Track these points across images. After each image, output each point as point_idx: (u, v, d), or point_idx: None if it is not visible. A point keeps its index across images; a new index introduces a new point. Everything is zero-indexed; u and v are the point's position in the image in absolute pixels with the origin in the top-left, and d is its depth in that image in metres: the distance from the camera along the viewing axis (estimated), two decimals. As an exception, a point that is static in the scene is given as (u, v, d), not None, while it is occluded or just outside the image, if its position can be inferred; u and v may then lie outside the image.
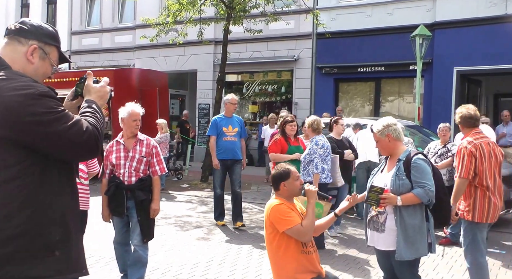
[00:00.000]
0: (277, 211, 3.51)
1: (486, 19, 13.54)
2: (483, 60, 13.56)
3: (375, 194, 3.66)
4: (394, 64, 14.95)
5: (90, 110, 2.17)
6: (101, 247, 6.39)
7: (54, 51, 2.20)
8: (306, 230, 3.46)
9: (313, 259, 3.58)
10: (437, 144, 7.82)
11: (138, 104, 5.01)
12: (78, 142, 1.99)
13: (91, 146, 2.05)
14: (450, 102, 14.30)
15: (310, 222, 3.50)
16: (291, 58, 16.84)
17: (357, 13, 15.76)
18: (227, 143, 7.92)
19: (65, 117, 1.99)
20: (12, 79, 1.98)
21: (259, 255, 6.37)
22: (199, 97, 18.77)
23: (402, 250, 3.65)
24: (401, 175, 3.73)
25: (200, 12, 13.21)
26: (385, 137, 3.87)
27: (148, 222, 4.85)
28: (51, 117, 1.95)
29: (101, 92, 2.29)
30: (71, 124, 1.98)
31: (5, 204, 1.91)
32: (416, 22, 13.48)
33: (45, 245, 1.97)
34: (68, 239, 2.06)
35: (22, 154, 1.94)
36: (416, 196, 3.65)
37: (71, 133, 1.97)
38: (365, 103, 16.69)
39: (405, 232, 3.66)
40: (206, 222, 8.33)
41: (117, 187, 4.79)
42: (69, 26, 22.30)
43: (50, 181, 2.02)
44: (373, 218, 3.85)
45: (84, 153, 2.09)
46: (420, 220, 3.72)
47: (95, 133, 2.05)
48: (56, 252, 1.99)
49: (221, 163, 7.89)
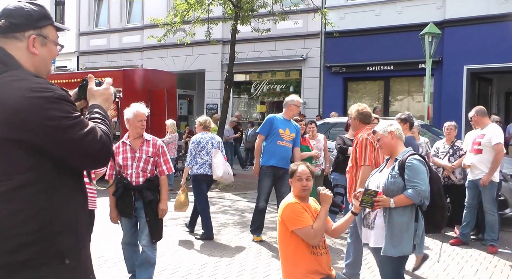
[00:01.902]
0: (290, 210, 3.55)
1: (497, 16, 13.39)
2: (494, 58, 13.41)
3: (369, 197, 3.72)
4: (403, 63, 14.85)
5: (99, 116, 2.09)
6: (109, 247, 6.39)
7: (51, 29, 2.06)
8: (315, 233, 3.47)
9: (323, 261, 3.56)
10: (444, 143, 7.72)
11: (143, 104, 4.99)
12: (91, 152, 1.92)
13: (104, 157, 1.99)
14: (461, 101, 14.18)
15: (321, 226, 3.51)
16: (299, 58, 16.80)
17: (365, 11, 15.68)
18: (282, 148, 6.80)
19: (81, 123, 1.91)
20: (27, 79, 1.89)
21: (267, 256, 6.33)
22: (207, 97, 18.78)
23: (388, 246, 3.71)
24: (394, 173, 3.79)
25: (208, 11, 13.21)
26: (388, 135, 3.96)
27: (157, 223, 4.85)
28: (69, 122, 1.87)
29: (106, 95, 2.20)
30: (86, 131, 1.90)
31: (21, 210, 1.84)
32: (425, 20, 13.40)
33: (57, 252, 1.90)
34: (78, 245, 2.01)
35: (40, 159, 1.87)
36: (407, 197, 3.71)
37: (86, 142, 1.90)
38: (374, 102, 16.57)
39: (392, 229, 3.72)
40: (214, 222, 8.28)
41: (125, 187, 4.79)
42: (77, 27, 22.42)
43: (65, 187, 1.96)
44: (366, 215, 3.95)
45: (96, 163, 2.02)
46: (408, 219, 3.76)
47: (108, 143, 1.98)
48: (66, 260, 1.92)
49: (270, 171, 6.81)
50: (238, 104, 19.27)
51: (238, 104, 19.29)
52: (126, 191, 4.78)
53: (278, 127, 6.80)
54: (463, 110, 13.88)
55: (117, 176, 4.86)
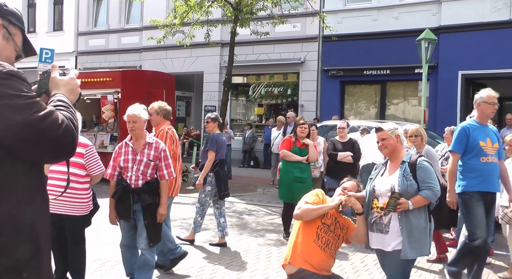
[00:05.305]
0: (311, 192, 4.15)
1: (491, 24, 13.66)
2: (488, 64, 13.65)
3: (394, 200, 3.74)
4: (400, 67, 15.01)
5: (62, 103, 1.77)
6: (107, 250, 6.38)
7: (19, 34, 1.86)
8: (303, 207, 3.88)
9: (320, 256, 3.78)
10: (444, 147, 7.87)
11: (142, 105, 4.92)
12: (52, 137, 1.61)
13: (68, 144, 1.67)
14: (456, 105, 14.39)
15: (313, 210, 3.86)
16: (297, 61, 16.92)
17: (363, 16, 15.83)
18: (488, 166, 5.09)
19: (37, 105, 1.62)
20: None
21: (266, 258, 6.42)
22: (205, 99, 18.84)
23: (407, 249, 3.75)
24: (408, 176, 3.83)
25: (207, 14, 13.28)
26: (394, 137, 4.01)
27: (155, 226, 4.77)
28: (21, 101, 1.58)
29: (71, 85, 1.90)
30: (44, 114, 1.60)
31: None
32: (421, 26, 13.57)
33: (12, 265, 1.60)
34: (38, 257, 1.69)
35: None
36: (425, 198, 3.78)
37: (45, 125, 1.59)
38: (370, 106, 16.74)
39: (410, 232, 3.76)
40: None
41: (124, 190, 4.73)
42: (75, 26, 22.41)
43: (17, 187, 1.64)
44: (376, 220, 3.92)
45: (58, 152, 1.68)
46: (424, 221, 3.84)
47: (73, 129, 1.68)
48: (24, 274, 1.63)
49: (478, 198, 5.04)
50: (236, 106, 19.36)
51: (236, 106, 19.39)
52: (125, 193, 4.71)
53: (478, 138, 5.12)
54: (457, 115, 14.07)
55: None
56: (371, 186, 4.00)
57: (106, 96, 12.98)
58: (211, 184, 7.03)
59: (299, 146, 7.38)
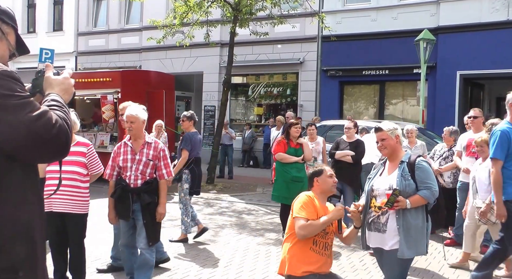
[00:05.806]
0: (303, 199, 3.82)
1: (489, 24, 13.71)
2: (486, 64, 13.71)
3: (394, 197, 3.75)
4: (398, 68, 15.07)
5: (56, 103, 1.78)
6: (106, 250, 6.33)
7: (12, 33, 1.86)
8: (305, 227, 3.66)
9: (320, 261, 3.75)
10: (443, 146, 7.92)
11: (141, 106, 4.94)
12: (46, 137, 1.61)
13: (61, 144, 1.67)
14: (454, 105, 14.44)
15: (314, 226, 3.68)
16: (296, 61, 16.96)
17: (362, 16, 15.88)
18: None
19: (30, 105, 1.62)
20: None
21: (265, 257, 6.46)
22: (205, 99, 18.88)
23: (404, 248, 3.77)
24: (406, 176, 3.85)
25: (206, 14, 13.32)
26: (394, 137, 4.01)
27: (154, 226, 4.78)
28: (14, 101, 1.58)
29: (65, 85, 1.90)
30: (38, 114, 1.60)
31: None
32: (420, 27, 13.63)
33: (8, 265, 1.63)
34: (34, 256, 1.72)
35: None
36: (423, 198, 3.80)
37: (38, 126, 1.58)
38: (369, 106, 16.80)
39: (407, 231, 3.78)
40: (212, 224, 8.42)
41: (123, 189, 4.74)
42: (75, 27, 22.43)
43: (12, 187, 1.66)
44: (374, 219, 3.93)
45: (52, 152, 1.68)
46: (422, 221, 3.86)
47: (66, 129, 1.68)
48: (20, 273, 1.65)
49: None
50: (235, 106, 19.41)
51: (236, 106, 19.43)
52: (124, 193, 4.73)
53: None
54: (456, 114, 14.13)
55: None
56: (369, 185, 4.02)
57: (106, 96, 13.02)
58: (188, 182, 7.16)
59: (293, 146, 7.31)
